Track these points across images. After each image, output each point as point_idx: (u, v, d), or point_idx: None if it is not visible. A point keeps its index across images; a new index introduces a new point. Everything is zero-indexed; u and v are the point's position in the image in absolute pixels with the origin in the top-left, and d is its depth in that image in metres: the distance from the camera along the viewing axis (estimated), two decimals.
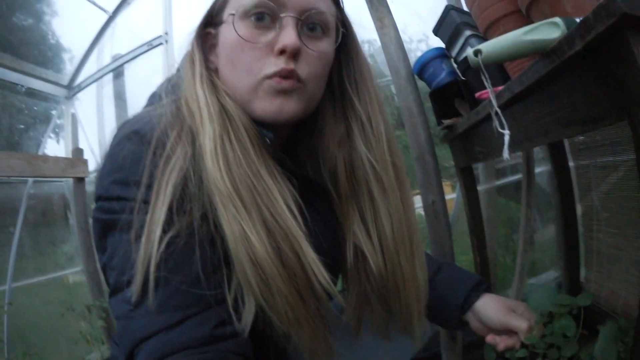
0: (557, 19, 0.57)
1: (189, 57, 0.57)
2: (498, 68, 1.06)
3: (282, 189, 0.50)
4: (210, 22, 0.59)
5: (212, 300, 0.45)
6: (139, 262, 0.42)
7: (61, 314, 1.98)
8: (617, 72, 0.47)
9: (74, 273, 2.55)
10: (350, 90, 0.60)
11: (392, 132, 0.61)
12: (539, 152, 1.86)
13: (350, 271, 0.59)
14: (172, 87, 0.58)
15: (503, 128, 0.63)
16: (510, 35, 0.61)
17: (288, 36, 0.51)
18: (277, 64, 0.51)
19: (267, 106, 0.52)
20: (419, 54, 1.45)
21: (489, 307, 0.69)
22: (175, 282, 0.44)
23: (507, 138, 0.62)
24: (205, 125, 0.49)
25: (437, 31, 1.43)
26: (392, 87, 1.45)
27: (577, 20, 0.52)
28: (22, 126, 2.76)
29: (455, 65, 1.41)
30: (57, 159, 2.03)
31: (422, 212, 1.35)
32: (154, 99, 0.60)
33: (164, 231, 0.44)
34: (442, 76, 1.38)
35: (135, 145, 0.48)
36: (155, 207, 0.44)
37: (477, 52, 0.62)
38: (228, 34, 0.54)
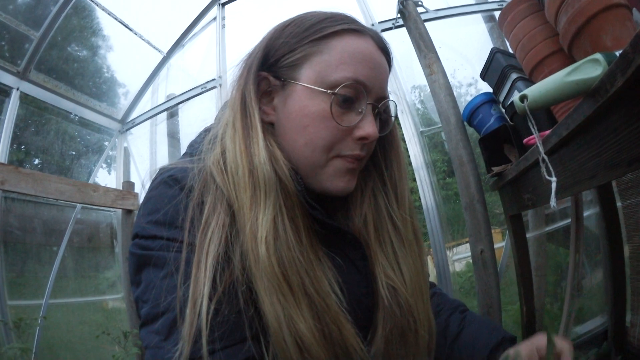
0: (597, 55, 0.55)
1: (239, 103, 0.55)
2: (545, 112, 1.05)
3: (325, 269, 0.52)
4: (269, 66, 0.57)
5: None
6: (186, 332, 0.43)
7: (96, 336, 2.03)
8: None
9: (114, 299, 2.61)
10: (380, 156, 0.64)
11: (411, 196, 0.66)
12: (587, 194, 1.79)
13: (384, 308, 0.59)
14: (212, 139, 0.57)
15: (550, 175, 0.62)
16: (554, 77, 0.60)
17: (371, 126, 0.54)
18: (353, 148, 0.55)
19: (338, 183, 0.56)
20: (469, 98, 1.46)
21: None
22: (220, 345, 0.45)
23: (554, 185, 0.61)
24: (259, 203, 0.49)
25: (484, 75, 1.43)
26: (443, 134, 1.45)
27: (617, 54, 0.50)
28: (73, 153, 2.90)
29: (503, 110, 1.40)
30: (107, 189, 2.14)
31: (470, 261, 1.32)
32: (192, 148, 0.61)
33: (210, 300, 0.45)
34: (491, 122, 1.37)
35: (170, 188, 0.50)
36: (197, 278, 0.45)
37: (522, 98, 0.62)
38: (310, 101, 0.53)
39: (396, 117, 0.65)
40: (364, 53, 0.54)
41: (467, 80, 2.33)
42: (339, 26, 0.54)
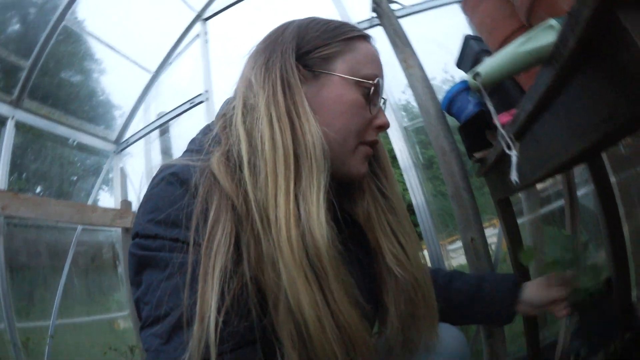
0: (552, 21, 0.53)
1: (281, 87, 0.55)
2: (517, 86, 1.04)
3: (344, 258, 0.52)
4: (299, 57, 0.59)
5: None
6: (194, 348, 0.42)
7: (103, 352, 2.04)
8: (619, 58, 0.39)
9: (124, 317, 2.62)
10: None
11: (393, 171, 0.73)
12: (583, 173, 1.77)
13: (393, 289, 0.65)
14: (214, 137, 0.57)
15: (510, 149, 0.61)
16: (506, 50, 0.58)
17: (386, 118, 0.65)
18: (372, 135, 0.63)
19: (361, 168, 0.63)
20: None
21: (532, 294, 0.82)
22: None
23: (514, 159, 0.61)
24: (307, 182, 0.50)
25: (459, 63, 1.43)
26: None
27: None
28: (74, 178, 2.94)
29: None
30: (105, 210, 2.16)
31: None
32: (193, 144, 0.62)
33: (218, 312, 0.44)
34: (469, 108, 1.36)
35: (172, 186, 0.50)
36: (204, 292, 0.44)
37: (475, 76, 0.61)
38: (345, 91, 0.59)
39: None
40: (376, 56, 0.65)
41: (458, 72, 2.34)
42: (358, 32, 0.63)
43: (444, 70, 2.44)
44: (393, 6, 1.58)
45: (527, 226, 1.83)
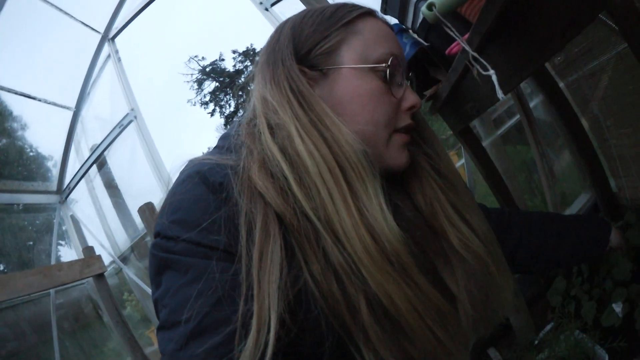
0: None
1: (296, 102, 0.52)
2: (457, 19, 1.03)
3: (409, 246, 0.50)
4: (300, 59, 0.55)
5: None
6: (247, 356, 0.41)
7: None
8: None
9: None
10: None
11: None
12: (527, 86, 1.82)
13: (462, 273, 0.60)
14: (249, 133, 0.53)
15: (486, 70, 0.59)
16: None
17: (414, 95, 0.58)
18: (405, 119, 0.57)
19: (400, 159, 0.57)
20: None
21: (614, 238, 0.80)
22: None
23: (494, 77, 0.58)
24: (361, 188, 0.48)
25: (384, 9, 1.40)
26: None
27: None
28: (30, 243, 2.78)
29: (415, 35, 1.38)
30: (71, 264, 2.05)
31: None
32: (224, 141, 0.56)
33: (281, 326, 0.43)
34: (407, 50, 1.35)
35: (198, 187, 0.47)
36: (261, 310, 0.43)
37: (430, 6, 0.59)
38: (360, 81, 0.54)
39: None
40: (386, 31, 0.58)
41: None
42: (358, 10, 0.57)
43: None
44: None
45: (489, 149, 1.87)
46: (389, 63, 0.54)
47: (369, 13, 0.58)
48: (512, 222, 0.81)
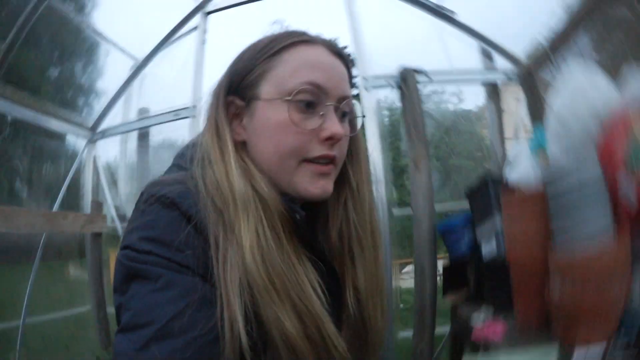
0: None
1: (213, 129, 0.58)
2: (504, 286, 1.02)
3: (308, 272, 0.54)
4: (234, 90, 0.60)
5: None
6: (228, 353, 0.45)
7: None
8: None
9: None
10: (346, 161, 0.64)
11: (373, 201, 0.68)
12: None
13: (349, 318, 0.63)
14: (200, 157, 0.57)
15: None
16: None
17: (335, 126, 0.56)
18: (320, 150, 0.56)
19: (312, 188, 0.57)
20: None
21: None
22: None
23: None
24: (240, 218, 0.51)
25: (470, 196, 1.38)
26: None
27: None
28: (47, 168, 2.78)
29: (477, 240, 1.35)
30: (76, 216, 2.10)
31: None
32: (180, 160, 0.62)
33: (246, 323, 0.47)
34: (461, 248, 1.38)
35: (167, 209, 0.50)
36: (229, 305, 0.46)
37: None
38: (271, 113, 0.56)
39: (363, 116, 0.68)
40: (315, 59, 0.58)
41: None
42: (289, 40, 0.58)
43: None
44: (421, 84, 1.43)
45: None
46: (292, 97, 0.55)
47: (301, 42, 0.58)
48: None
